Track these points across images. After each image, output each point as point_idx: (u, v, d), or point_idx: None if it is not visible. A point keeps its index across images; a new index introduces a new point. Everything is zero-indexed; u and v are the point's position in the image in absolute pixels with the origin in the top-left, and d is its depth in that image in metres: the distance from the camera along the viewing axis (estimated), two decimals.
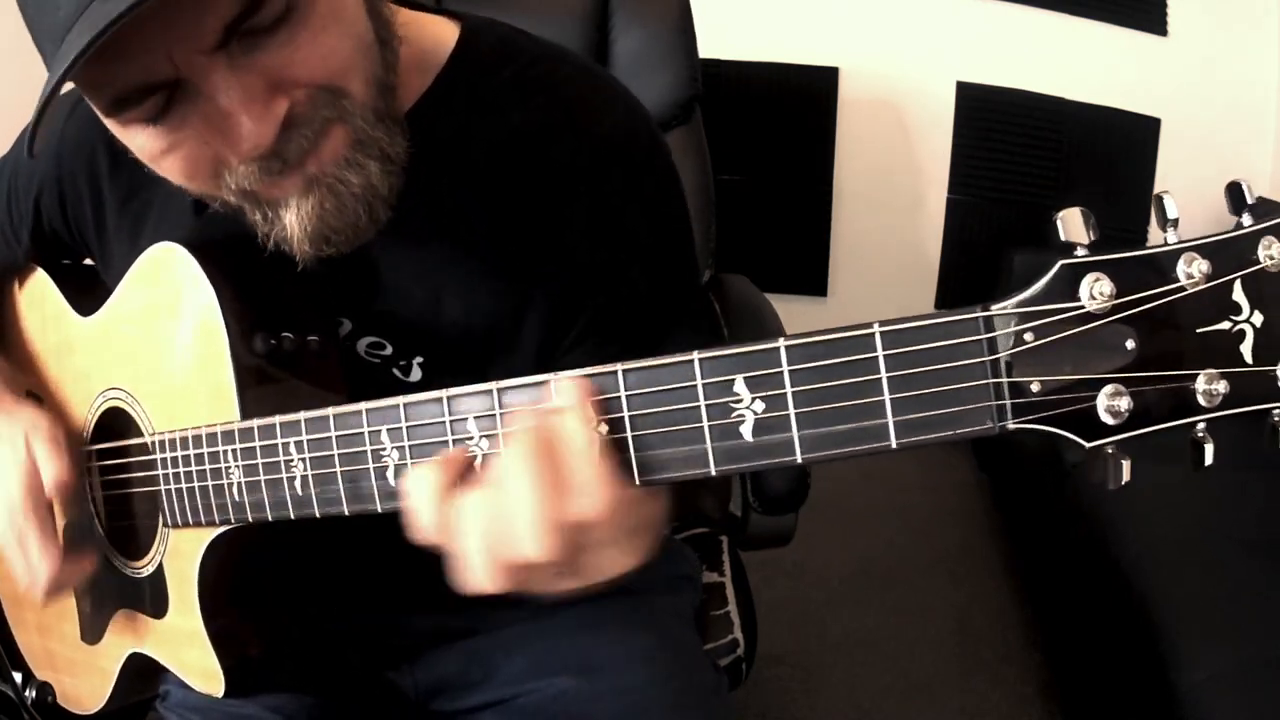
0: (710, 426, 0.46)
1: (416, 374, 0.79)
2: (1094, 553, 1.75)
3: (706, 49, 1.81)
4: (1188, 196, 0.63)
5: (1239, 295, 0.41)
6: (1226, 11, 2.51)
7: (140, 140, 0.63)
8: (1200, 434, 0.42)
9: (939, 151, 2.68)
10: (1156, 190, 0.43)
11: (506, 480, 0.48)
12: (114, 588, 0.88)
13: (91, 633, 0.92)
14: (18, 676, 1.01)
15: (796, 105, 2.68)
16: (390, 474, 0.57)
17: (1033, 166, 2.64)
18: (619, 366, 0.48)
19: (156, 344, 0.78)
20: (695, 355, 0.46)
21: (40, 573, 0.82)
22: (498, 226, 0.76)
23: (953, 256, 2.75)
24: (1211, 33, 2.53)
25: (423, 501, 0.52)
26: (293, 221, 0.65)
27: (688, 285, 0.82)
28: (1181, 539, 1.63)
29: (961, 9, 2.59)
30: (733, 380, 0.45)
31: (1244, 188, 0.42)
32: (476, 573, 0.51)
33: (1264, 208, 0.42)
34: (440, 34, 0.78)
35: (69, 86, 0.59)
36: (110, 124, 0.64)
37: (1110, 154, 2.62)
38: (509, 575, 0.51)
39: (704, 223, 1.78)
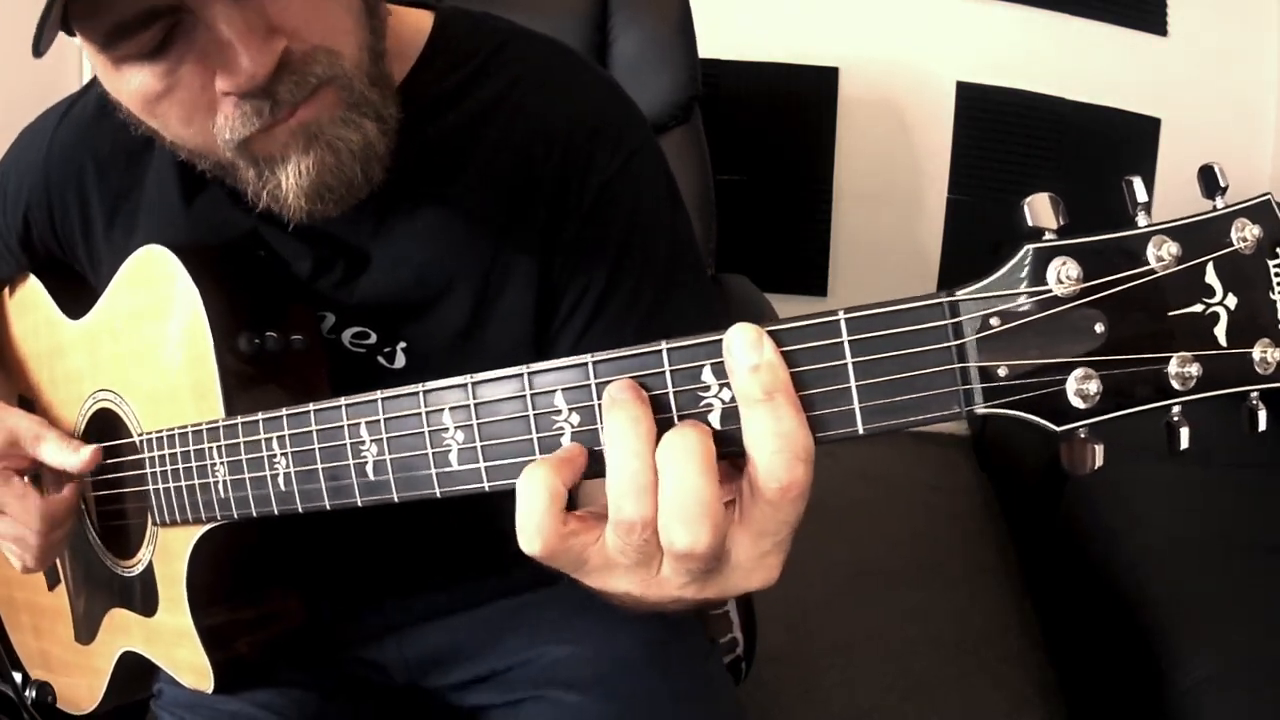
0: (679, 416, 0.46)
1: (400, 360, 0.80)
2: (1094, 553, 1.74)
3: (706, 49, 1.82)
4: (1187, 196, 0.63)
5: (1211, 278, 0.40)
6: (1226, 11, 2.51)
7: (136, 81, 0.63)
8: (1175, 418, 0.41)
9: (939, 151, 2.68)
10: (1154, 188, 0.42)
11: (753, 408, 0.44)
12: (106, 587, 0.88)
13: (85, 632, 0.92)
14: (18, 676, 1.02)
15: (796, 105, 2.68)
16: (370, 469, 0.56)
17: (1033, 166, 2.64)
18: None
19: (143, 345, 0.79)
20: (664, 345, 0.46)
21: (27, 531, 0.82)
22: (476, 207, 0.77)
23: (953, 256, 2.74)
24: (1211, 33, 2.52)
25: (629, 443, 0.45)
26: (290, 177, 0.65)
27: (684, 254, 0.81)
28: (1180, 539, 1.63)
29: (961, 9, 2.59)
30: (702, 367, 0.45)
31: (1216, 171, 0.42)
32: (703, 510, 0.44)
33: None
34: (417, 23, 0.79)
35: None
36: (103, 66, 0.64)
37: (1110, 154, 2.62)
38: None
39: (704, 223, 1.79)
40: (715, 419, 0.46)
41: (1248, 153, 2.57)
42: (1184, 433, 0.42)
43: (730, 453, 0.45)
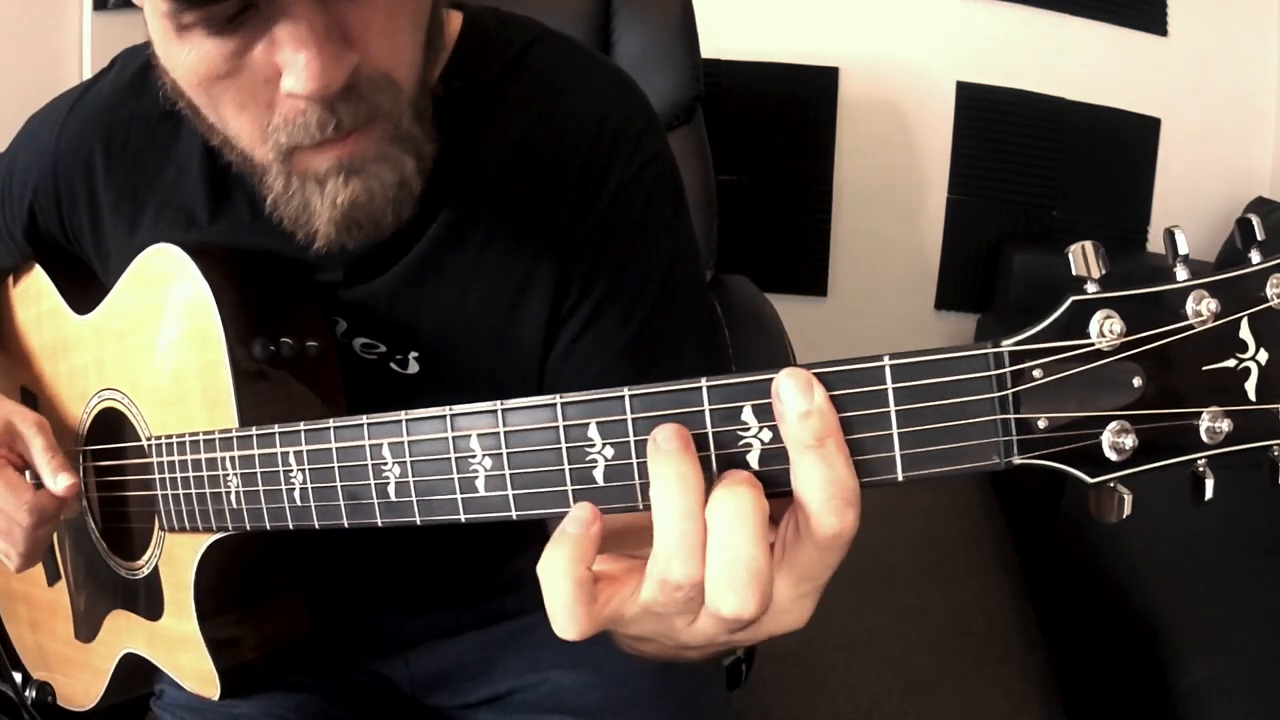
0: (717, 455, 0.46)
1: (414, 367, 0.79)
2: (1093, 553, 1.75)
3: (707, 49, 1.82)
4: (1187, 196, 0.63)
5: (1246, 333, 0.41)
6: (1226, 11, 2.52)
7: (198, 53, 0.59)
8: (1201, 469, 0.42)
9: (939, 151, 2.68)
10: (1156, 191, 0.43)
11: (808, 457, 0.43)
12: (109, 588, 0.88)
13: (85, 631, 0.92)
14: (18, 676, 1.01)
15: (796, 105, 2.68)
16: (391, 489, 0.55)
17: (1033, 166, 2.64)
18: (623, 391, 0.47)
19: (153, 346, 0.78)
20: (704, 382, 0.45)
21: (15, 525, 0.79)
22: (503, 214, 0.76)
23: (953, 256, 2.75)
24: (1211, 33, 2.53)
25: (680, 503, 0.44)
26: (324, 203, 0.63)
27: (684, 266, 0.80)
28: (1181, 539, 1.63)
29: (961, 9, 2.59)
30: (742, 407, 0.45)
31: (1254, 224, 0.42)
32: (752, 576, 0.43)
33: (1256, 206, 0.42)
34: (449, 22, 0.77)
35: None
36: (164, 30, 0.60)
37: (1110, 154, 2.62)
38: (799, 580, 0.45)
39: (704, 223, 1.78)
40: (755, 459, 0.45)
41: (1248, 153, 2.58)
42: (1209, 485, 0.42)
43: (772, 494, 0.45)
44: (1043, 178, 2.64)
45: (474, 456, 0.51)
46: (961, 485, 2.62)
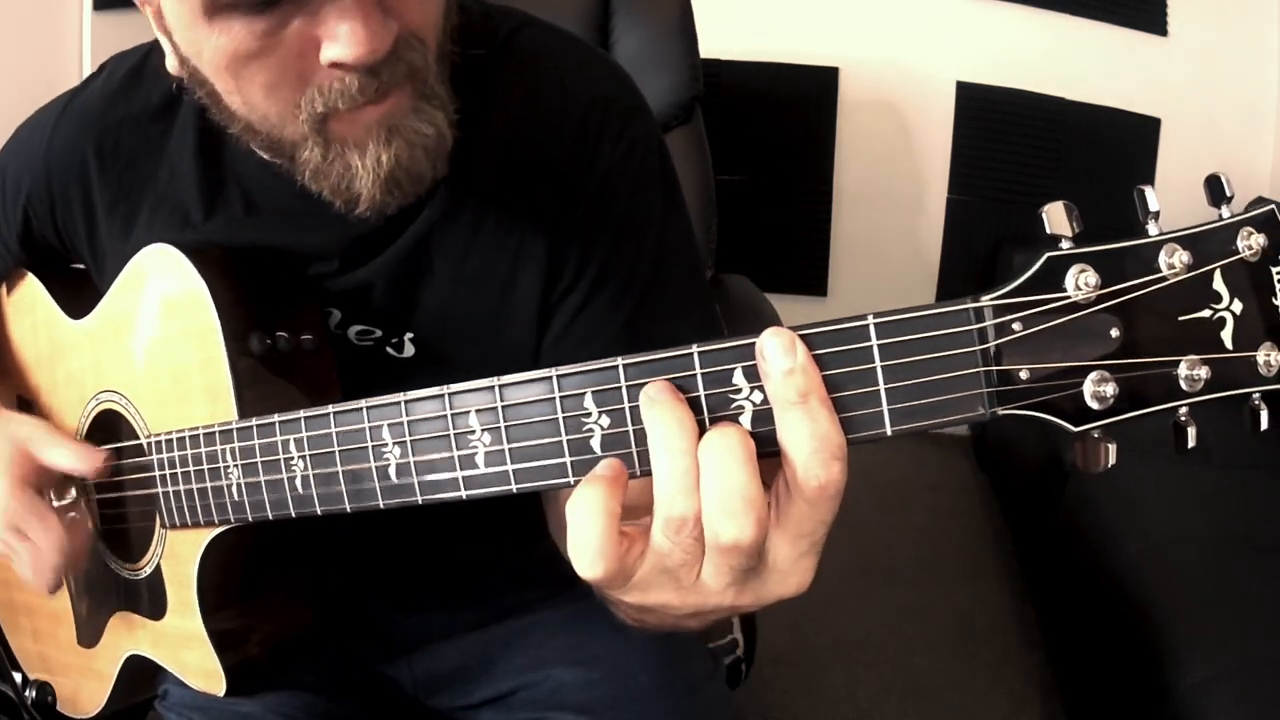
0: (711, 419, 0.47)
1: (409, 350, 0.80)
2: (1093, 553, 1.75)
3: (706, 49, 1.82)
4: (1187, 196, 0.63)
5: (1219, 284, 0.42)
6: (1226, 11, 2.52)
7: (227, 37, 0.60)
8: (1183, 418, 0.43)
9: (939, 151, 2.69)
10: (1155, 188, 0.44)
11: (793, 412, 0.45)
12: (110, 590, 0.88)
13: (88, 636, 0.92)
14: (18, 677, 1.01)
15: (796, 105, 2.68)
16: (392, 471, 0.56)
17: (1033, 166, 2.65)
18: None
19: (150, 345, 0.78)
20: (695, 348, 0.47)
21: (45, 552, 0.80)
22: (487, 199, 0.76)
23: (953, 256, 2.75)
24: (1211, 33, 2.53)
25: (678, 441, 0.46)
26: (367, 165, 0.64)
27: (675, 251, 0.81)
28: (1180, 539, 1.63)
29: (961, 9, 2.60)
30: (733, 370, 0.46)
31: (1223, 180, 0.43)
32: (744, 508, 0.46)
33: (1255, 206, 0.43)
34: None
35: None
36: (191, 15, 0.61)
37: (1110, 154, 2.62)
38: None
39: (704, 223, 1.78)
40: (746, 421, 0.47)
41: (1248, 153, 2.58)
42: (1191, 432, 0.44)
43: (763, 453, 0.46)
44: (1043, 178, 2.64)
45: (473, 433, 0.52)
46: (961, 486, 2.62)
